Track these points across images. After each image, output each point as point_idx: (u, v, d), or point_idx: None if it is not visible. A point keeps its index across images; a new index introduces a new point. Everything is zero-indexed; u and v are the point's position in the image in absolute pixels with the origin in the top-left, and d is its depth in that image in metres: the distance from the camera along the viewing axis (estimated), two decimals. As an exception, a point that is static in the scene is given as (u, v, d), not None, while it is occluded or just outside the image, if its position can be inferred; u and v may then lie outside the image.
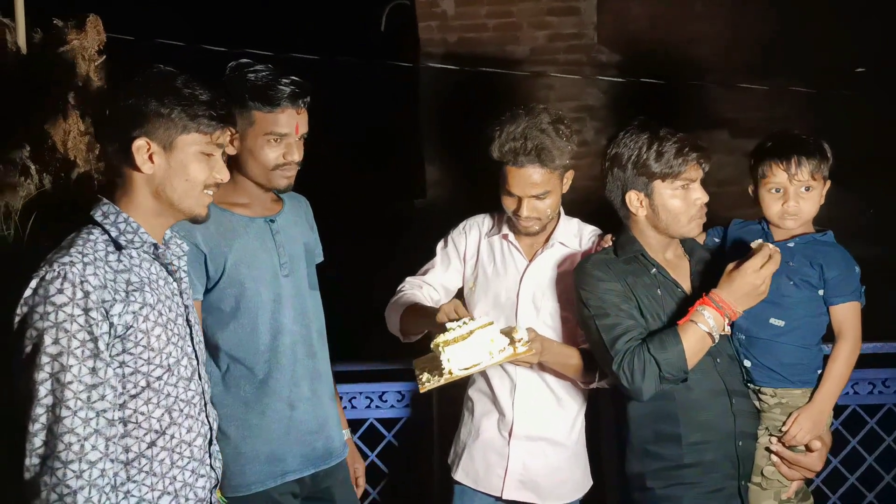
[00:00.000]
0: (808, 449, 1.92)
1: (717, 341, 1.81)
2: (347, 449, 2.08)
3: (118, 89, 1.46)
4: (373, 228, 2.14)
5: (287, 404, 1.90)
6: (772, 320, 1.91)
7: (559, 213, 2.11)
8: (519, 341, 1.78)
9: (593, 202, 2.07)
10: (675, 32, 4.64)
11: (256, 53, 4.15)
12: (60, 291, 1.32)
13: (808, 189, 1.90)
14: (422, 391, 1.78)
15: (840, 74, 4.30)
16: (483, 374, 2.08)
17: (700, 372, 1.86)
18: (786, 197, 1.90)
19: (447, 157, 4.41)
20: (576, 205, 2.16)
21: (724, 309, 1.78)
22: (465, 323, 1.75)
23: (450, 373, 1.74)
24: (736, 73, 4.47)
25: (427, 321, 1.95)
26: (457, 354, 1.73)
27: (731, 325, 1.88)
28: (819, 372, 1.94)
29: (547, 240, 2.08)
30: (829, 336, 1.96)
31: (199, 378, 1.55)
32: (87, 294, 1.33)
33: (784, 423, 1.92)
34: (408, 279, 2.19)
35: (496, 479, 2.05)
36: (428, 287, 2.16)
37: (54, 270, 1.33)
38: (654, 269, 1.92)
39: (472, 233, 2.17)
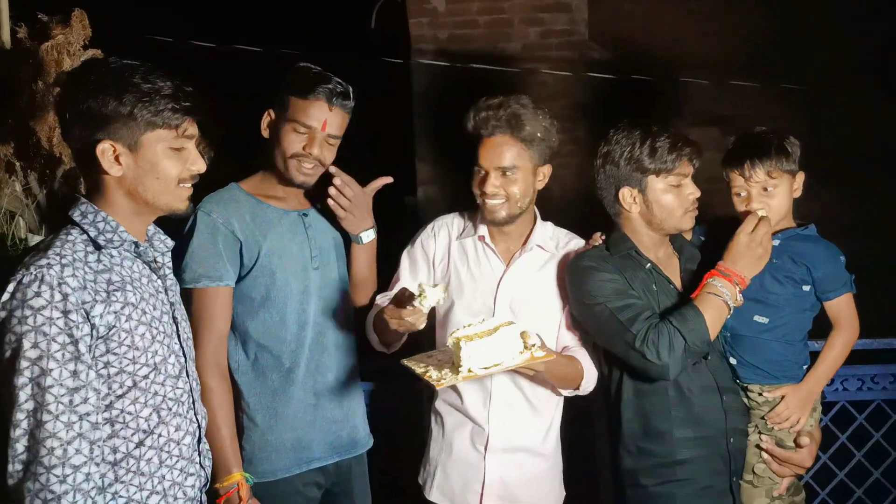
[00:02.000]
0: (798, 445, 1.93)
1: (731, 311, 1.82)
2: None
3: (75, 90, 1.37)
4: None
5: (312, 393, 1.92)
6: (756, 317, 1.92)
7: (535, 216, 2.01)
8: (533, 347, 1.69)
9: (585, 201, 2.07)
10: (666, 29, 4.65)
11: (246, 49, 4.14)
12: (38, 294, 1.28)
13: (768, 188, 1.91)
14: (438, 388, 1.67)
15: (830, 71, 4.31)
16: (454, 385, 1.94)
17: (691, 368, 1.87)
18: (749, 200, 1.92)
19: (438, 155, 4.40)
20: (568, 203, 2.16)
21: (731, 276, 1.80)
22: (483, 320, 1.67)
23: (469, 371, 1.61)
24: (727, 71, 4.48)
25: (392, 315, 1.75)
26: (478, 352, 1.61)
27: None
28: (805, 367, 1.96)
29: (525, 243, 1.99)
30: (815, 332, 1.97)
31: (187, 375, 1.52)
32: (65, 296, 1.30)
33: (772, 409, 1.94)
34: (377, 297, 2.04)
35: (473, 495, 1.95)
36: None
37: (31, 273, 1.29)
38: (649, 265, 1.92)
39: (442, 234, 2.05)
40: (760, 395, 1.94)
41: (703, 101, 4.55)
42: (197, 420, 1.52)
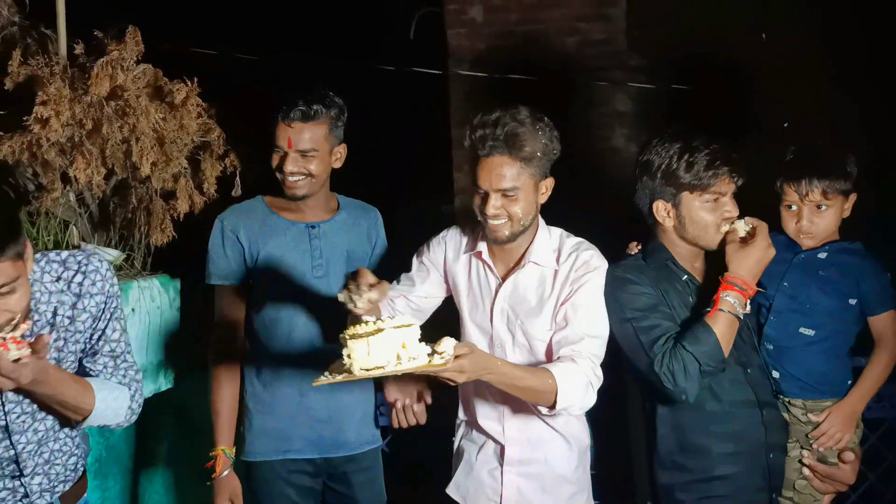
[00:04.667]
0: (842, 461, 1.90)
1: (741, 320, 1.79)
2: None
3: None
4: (400, 234, 2.19)
5: (297, 391, 2.10)
6: (801, 330, 1.90)
7: (537, 225, 1.92)
8: (438, 354, 1.55)
9: (621, 209, 2.06)
10: (705, 37, 4.60)
11: (285, 60, 4.21)
12: None
13: (821, 207, 1.88)
14: (314, 384, 1.60)
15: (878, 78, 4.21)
16: (468, 405, 1.97)
17: (731, 382, 1.84)
18: (799, 216, 1.89)
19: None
20: (603, 211, 2.15)
21: (746, 291, 1.77)
22: (383, 319, 1.55)
23: (349, 371, 1.52)
24: (767, 78, 4.41)
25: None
26: (360, 352, 1.50)
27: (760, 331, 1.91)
28: (849, 383, 1.93)
29: (521, 258, 1.91)
30: (858, 349, 1.94)
31: (10, 442, 1.56)
32: None
33: (816, 427, 1.91)
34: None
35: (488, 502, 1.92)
36: (399, 301, 1.99)
37: None
38: (686, 277, 1.89)
39: (450, 245, 2.01)
40: (804, 412, 1.92)
41: (743, 109, 4.48)
42: (14, 447, 1.57)
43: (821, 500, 1.94)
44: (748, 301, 1.78)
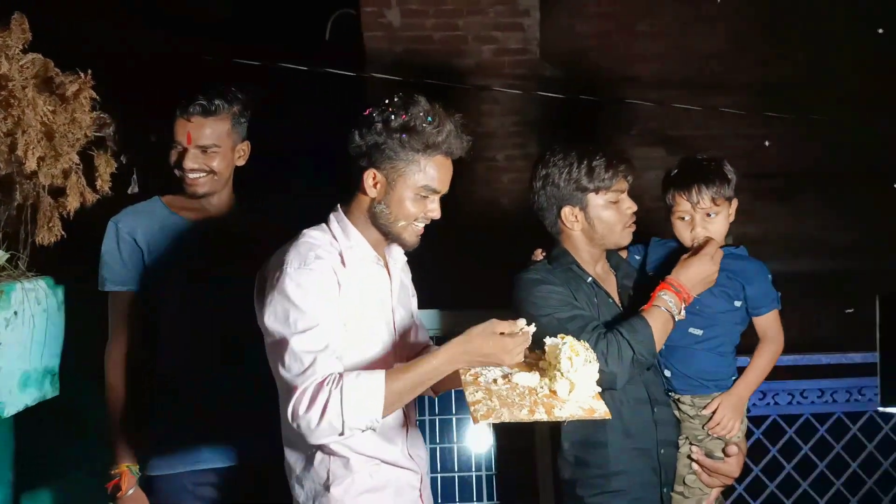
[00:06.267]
0: (726, 454, 2.01)
1: (675, 325, 1.90)
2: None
3: None
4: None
5: (202, 401, 2.01)
6: (691, 329, 2.02)
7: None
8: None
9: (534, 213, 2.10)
10: (617, 51, 4.76)
11: (200, 58, 4.09)
12: None
13: (711, 214, 1.99)
14: (555, 419, 1.44)
15: (778, 93, 4.46)
16: (382, 444, 1.71)
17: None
18: (693, 224, 2.01)
19: (391, 168, 4.40)
20: (518, 216, 2.19)
21: (681, 293, 1.89)
22: (563, 340, 1.49)
23: (590, 408, 1.42)
24: (675, 92, 4.60)
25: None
26: (588, 377, 1.42)
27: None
28: (733, 379, 2.05)
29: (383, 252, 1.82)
30: (742, 349, 2.06)
31: None
32: None
33: (707, 421, 2.02)
34: (325, 368, 1.55)
35: None
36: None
37: None
38: (590, 280, 1.99)
39: (332, 259, 1.68)
40: (692, 406, 2.02)
41: (651, 122, 4.66)
42: None
43: (709, 494, 2.05)
44: (683, 305, 1.89)
